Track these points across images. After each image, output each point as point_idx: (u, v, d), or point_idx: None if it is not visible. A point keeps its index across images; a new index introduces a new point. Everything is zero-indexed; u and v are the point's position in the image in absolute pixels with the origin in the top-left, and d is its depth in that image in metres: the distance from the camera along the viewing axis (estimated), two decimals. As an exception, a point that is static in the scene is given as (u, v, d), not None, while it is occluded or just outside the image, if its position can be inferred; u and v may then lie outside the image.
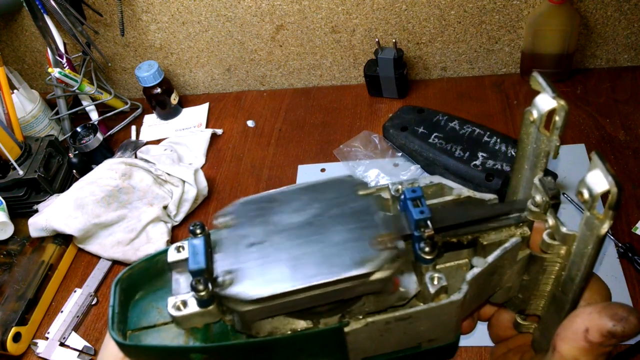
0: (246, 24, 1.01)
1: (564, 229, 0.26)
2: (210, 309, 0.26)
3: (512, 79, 0.98)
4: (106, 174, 0.86)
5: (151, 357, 0.28)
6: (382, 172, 0.86)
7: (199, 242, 0.26)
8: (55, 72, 0.97)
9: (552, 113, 0.26)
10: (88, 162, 0.99)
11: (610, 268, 0.69)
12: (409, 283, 0.27)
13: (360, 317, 0.26)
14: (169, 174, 0.89)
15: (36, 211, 0.89)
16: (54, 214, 0.83)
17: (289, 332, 0.27)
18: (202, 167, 0.96)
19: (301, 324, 0.27)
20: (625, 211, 0.75)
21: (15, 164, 0.89)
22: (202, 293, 0.25)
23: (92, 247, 0.85)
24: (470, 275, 0.26)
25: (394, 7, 0.93)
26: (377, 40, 0.92)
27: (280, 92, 1.10)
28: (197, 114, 1.09)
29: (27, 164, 0.91)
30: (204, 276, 0.25)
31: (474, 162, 0.78)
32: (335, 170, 0.90)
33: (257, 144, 1.00)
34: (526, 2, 0.89)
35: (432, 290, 0.26)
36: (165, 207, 0.86)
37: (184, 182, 0.88)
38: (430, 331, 0.28)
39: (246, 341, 0.27)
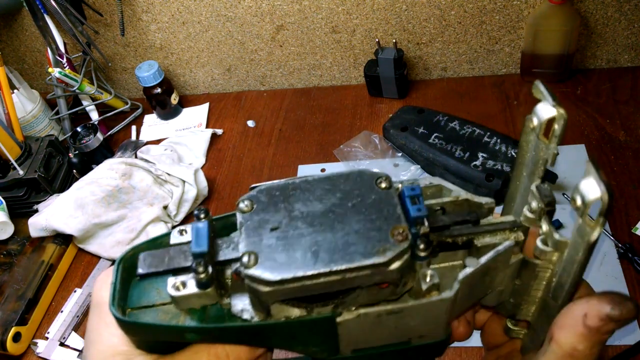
0: (246, 24, 1.01)
1: (557, 236, 0.27)
2: (208, 291, 0.27)
3: (512, 79, 0.98)
4: (106, 174, 0.86)
5: (148, 335, 0.29)
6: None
7: (202, 225, 0.27)
8: (55, 72, 0.97)
9: (551, 121, 0.27)
10: (88, 162, 0.99)
11: (610, 268, 0.69)
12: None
13: (353, 308, 0.27)
14: (169, 174, 0.89)
15: (36, 211, 0.89)
16: (54, 214, 0.83)
17: (283, 319, 0.27)
18: (202, 167, 0.96)
19: (295, 312, 0.28)
20: (626, 212, 0.75)
21: (15, 164, 0.89)
22: (202, 275, 0.26)
23: (92, 247, 0.85)
24: (462, 274, 0.27)
25: (394, 7, 0.93)
26: (377, 40, 0.93)
27: (281, 92, 1.10)
28: (197, 114, 1.09)
29: (27, 163, 0.91)
30: (205, 259, 0.26)
31: (474, 163, 0.78)
32: (335, 170, 0.90)
33: (257, 144, 1.00)
34: (526, 2, 0.89)
35: (424, 286, 0.27)
36: (165, 207, 0.86)
37: (184, 182, 0.88)
38: (420, 327, 0.29)
39: (240, 325, 0.27)
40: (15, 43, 1.13)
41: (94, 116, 1.06)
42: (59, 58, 1.01)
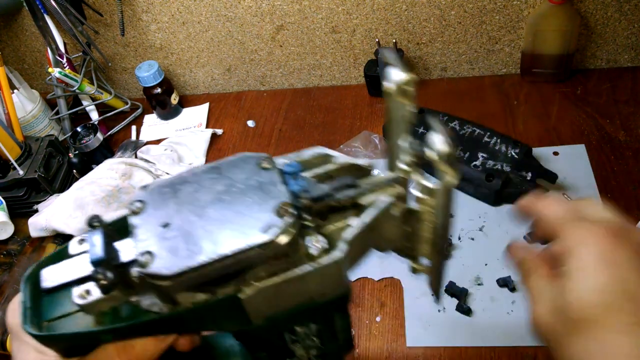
0: (246, 24, 1.01)
1: (428, 184, 0.30)
2: (113, 294, 0.29)
3: (512, 79, 0.98)
4: (106, 174, 0.86)
5: (68, 343, 0.30)
6: (382, 172, 0.86)
7: (97, 234, 0.28)
8: (55, 72, 0.97)
9: (404, 83, 0.30)
10: (88, 162, 0.99)
11: (610, 268, 0.69)
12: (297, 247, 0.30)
13: (253, 283, 0.29)
14: (169, 174, 0.89)
15: (36, 211, 0.89)
16: (54, 214, 0.83)
17: (191, 305, 0.29)
18: (202, 167, 0.96)
19: (201, 297, 0.29)
20: (626, 212, 0.75)
21: (15, 164, 0.89)
22: (103, 282, 0.27)
23: (92, 247, 0.85)
24: (348, 234, 0.30)
25: (394, 7, 0.93)
26: (377, 40, 0.93)
27: (281, 92, 1.10)
28: (197, 114, 1.09)
29: (27, 163, 0.91)
30: (103, 266, 0.27)
31: (474, 163, 0.78)
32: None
33: (257, 144, 1.00)
34: (526, 2, 0.89)
35: (314, 252, 0.29)
36: (165, 207, 0.86)
37: (184, 182, 0.88)
38: (320, 287, 0.31)
39: (151, 318, 0.29)
40: (15, 43, 1.13)
41: (94, 116, 1.06)
42: (59, 58, 1.01)
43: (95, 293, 0.28)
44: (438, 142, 0.27)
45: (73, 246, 0.30)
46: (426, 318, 0.68)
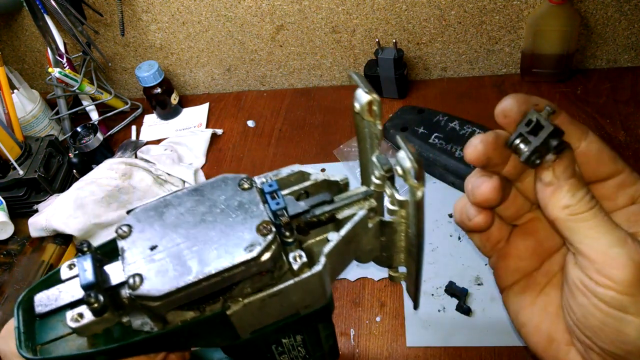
0: (246, 24, 1.01)
1: (399, 197, 0.32)
2: (105, 316, 0.30)
3: (512, 80, 0.98)
4: (106, 173, 0.86)
5: None
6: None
7: (87, 259, 0.30)
8: (55, 72, 0.97)
9: (370, 104, 0.32)
10: (88, 162, 0.99)
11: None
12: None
13: (240, 299, 0.30)
14: (169, 174, 0.89)
15: (36, 211, 0.89)
16: (54, 214, 0.83)
17: (180, 323, 0.30)
18: (202, 167, 0.96)
19: (190, 314, 0.30)
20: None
21: (15, 164, 0.89)
22: (95, 305, 0.28)
23: (92, 247, 0.85)
24: (327, 248, 0.31)
25: (394, 7, 0.93)
26: (377, 40, 0.93)
27: (281, 92, 1.10)
28: (197, 114, 1.09)
29: (27, 163, 0.91)
30: (94, 290, 0.29)
31: (474, 163, 0.78)
32: (335, 170, 0.90)
33: (257, 144, 1.00)
34: (526, 2, 0.89)
35: (295, 267, 0.30)
36: (165, 207, 0.86)
37: (184, 182, 0.88)
38: (302, 300, 0.33)
39: (143, 337, 0.30)
40: (15, 43, 1.13)
41: (94, 116, 1.06)
42: (59, 58, 1.01)
43: (88, 316, 0.29)
44: (404, 159, 0.28)
45: (64, 271, 0.32)
46: (426, 318, 0.68)
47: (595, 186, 0.30)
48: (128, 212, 0.32)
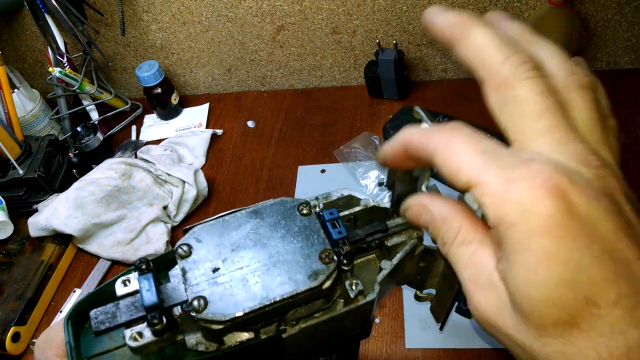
0: (247, 25, 1.01)
1: None
2: (165, 336, 0.30)
3: (512, 81, 0.98)
4: (106, 173, 0.86)
5: None
6: (382, 173, 0.86)
7: (149, 278, 0.29)
8: (55, 71, 0.97)
9: None
10: (88, 161, 0.99)
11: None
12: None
13: (295, 323, 0.31)
14: (169, 174, 0.89)
15: (36, 211, 0.89)
16: (54, 214, 0.83)
17: (235, 344, 0.30)
18: (202, 168, 0.96)
19: (244, 335, 0.30)
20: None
21: (15, 164, 0.89)
22: (158, 326, 0.28)
23: (91, 247, 0.85)
24: (380, 276, 0.32)
25: (395, 8, 0.93)
26: (377, 41, 0.93)
27: (281, 92, 1.10)
28: (197, 114, 1.09)
29: (27, 163, 0.91)
30: (157, 310, 0.29)
31: (474, 164, 0.78)
32: (335, 171, 0.90)
33: (257, 145, 1.00)
34: (526, 3, 0.89)
35: (352, 294, 0.31)
36: (165, 208, 0.86)
37: (184, 182, 0.88)
38: (351, 324, 0.34)
39: (199, 357, 0.30)
40: (16, 42, 1.13)
41: (94, 116, 1.06)
42: (59, 57, 1.01)
43: (148, 335, 0.29)
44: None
45: (119, 287, 0.31)
46: (425, 319, 0.68)
47: None
48: (185, 230, 0.32)
